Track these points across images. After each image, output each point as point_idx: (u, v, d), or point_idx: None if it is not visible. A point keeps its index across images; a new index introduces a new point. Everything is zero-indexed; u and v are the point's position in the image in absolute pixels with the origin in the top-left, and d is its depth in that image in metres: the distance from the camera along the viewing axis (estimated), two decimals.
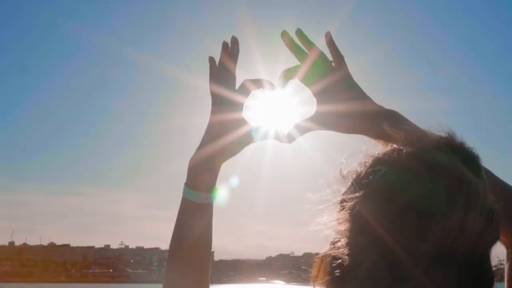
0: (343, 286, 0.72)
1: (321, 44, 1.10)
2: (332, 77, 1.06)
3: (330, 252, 0.74)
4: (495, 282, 0.72)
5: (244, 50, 1.12)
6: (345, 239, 0.72)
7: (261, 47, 1.17)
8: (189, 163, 1.07)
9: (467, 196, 0.66)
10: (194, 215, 1.06)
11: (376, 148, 0.76)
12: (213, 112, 1.08)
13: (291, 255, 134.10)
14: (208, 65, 1.12)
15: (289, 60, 1.11)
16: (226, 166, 1.09)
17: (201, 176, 1.06)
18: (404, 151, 0.72)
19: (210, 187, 1.06)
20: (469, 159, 0.72)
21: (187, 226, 1.06)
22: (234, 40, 1.10)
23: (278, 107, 1.11)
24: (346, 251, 0.72)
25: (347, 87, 1.06)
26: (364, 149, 0.76)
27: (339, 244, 0.73)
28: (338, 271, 0.72)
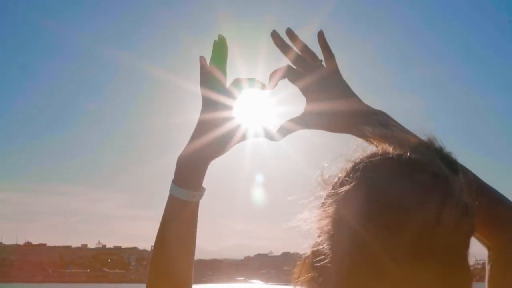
0: (326, 282, 0.73)
1: (311, 43, 1.10)
2: (320, 73, 1.07)
3: (313, 248, 0.76)
4: (473, 282, 0.74)
5: None
6: (326, 235, 0.74)
7: (242, 47, 1.17)
8: (177, 160, 1.06)
9: (443, 190, 0.69)
10: (180, 212, 1.05)
11: (357, 152, 0.78)
12: (203, 110, 1.08)
13: (269, 254, 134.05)
14: (197, 65, 1.10)
15: (270, 60, 1.12)
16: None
17: (189, 174, 1.05)
18: (383, 154, 0.75)
19: (197, 185, 1.06)
20: (447, 159, 0.75)
21: (172, 223, 1.05)
22: (222, 38, 1.10)
23: (266, 106, 1.11)
24: (327, 247, 0.73)
25: (335, 85, 1.07)
26: (344, 154, 0.79)
27: (319, 240, 0.75)
28: (320, 266, 0.73)
